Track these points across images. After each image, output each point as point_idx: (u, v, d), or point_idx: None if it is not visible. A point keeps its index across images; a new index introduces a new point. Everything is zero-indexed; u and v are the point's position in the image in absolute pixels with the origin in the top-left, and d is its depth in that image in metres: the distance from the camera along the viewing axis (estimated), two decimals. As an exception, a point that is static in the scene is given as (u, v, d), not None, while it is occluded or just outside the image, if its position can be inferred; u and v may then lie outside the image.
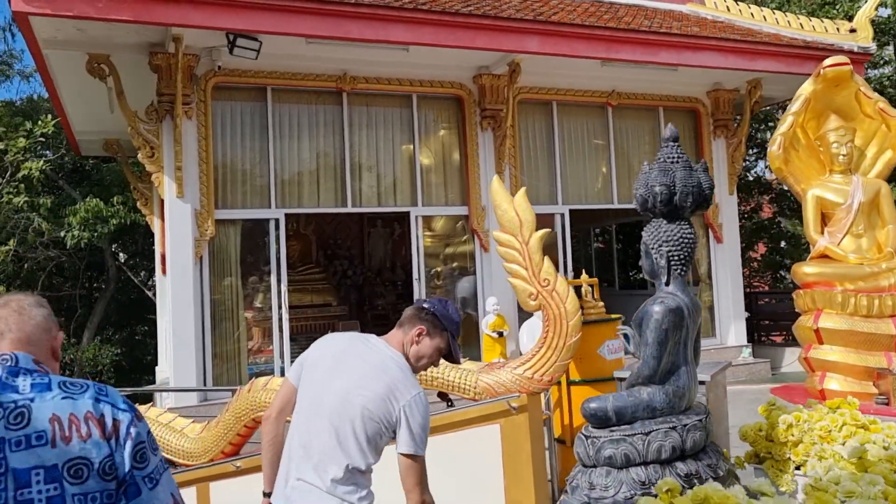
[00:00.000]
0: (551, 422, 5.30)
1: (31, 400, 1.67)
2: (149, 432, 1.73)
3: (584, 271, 6.00)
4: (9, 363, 1.75)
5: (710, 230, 11.66)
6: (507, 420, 4.65)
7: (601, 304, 5.42)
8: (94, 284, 17.14)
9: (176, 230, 8.32)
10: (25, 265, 13.28)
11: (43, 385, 1.69)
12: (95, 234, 12.88)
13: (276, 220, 9.00)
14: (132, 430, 1.67)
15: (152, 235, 15.48)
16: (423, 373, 5.13)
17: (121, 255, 17.17)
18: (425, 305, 2.71)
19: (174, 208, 8.32)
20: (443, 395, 5.03)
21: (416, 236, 9.75)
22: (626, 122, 11.36)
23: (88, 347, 14.07)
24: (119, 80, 8.35)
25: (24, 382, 1.69)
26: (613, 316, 5.38)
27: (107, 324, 16.45)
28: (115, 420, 1.66)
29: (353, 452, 2.46)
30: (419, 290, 9.66)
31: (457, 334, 2.71)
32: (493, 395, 4.74)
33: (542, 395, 4.84)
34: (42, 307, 1.87)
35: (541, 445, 4.72)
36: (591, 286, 5.51)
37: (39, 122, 10.03)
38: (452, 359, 2.73)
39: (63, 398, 1.66)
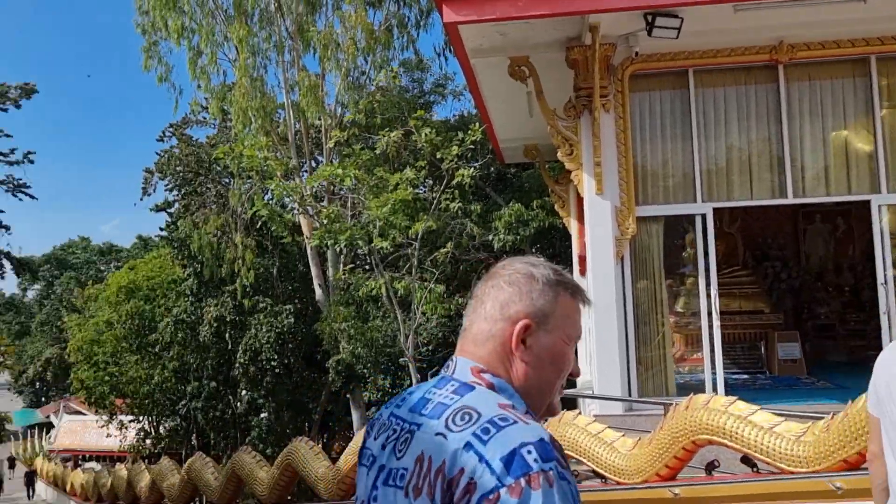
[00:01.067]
0: None
1: (419, 426, 1.24)
2: None
3: None
4: (448, 370, 1.32)
5: None
6: None
7: None
8: (519, 286, 18.11)
9: (596, 229, 8.00)
10: (461, 267, 14.52)
11: (440, 408, 1.24)
12: (518, 237, 13.46)
13: (703, 216, 8.09)
14: None
15: (569, 237, 15.71)
16: None
17: (540, 257, 17.89)
18: None
19: (594, 206, 8.01)
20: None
21: (880, 230, 7.90)
22: None
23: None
24: (538, 79, 8.36)
25: (434, 399, 1.27)
26: None
27: (529, 323, 17.22)
28: (470, 482, 1.11)
29: None
30: (886, 298, 7.78)
31: None
32: None
33: None
34: (512, 285, 1.33)
35: None
36: None
37: (469, 132, 10.76)
38: None
39: (437, 433, 1.19)
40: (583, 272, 12.04)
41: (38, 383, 55.79)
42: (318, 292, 17.07)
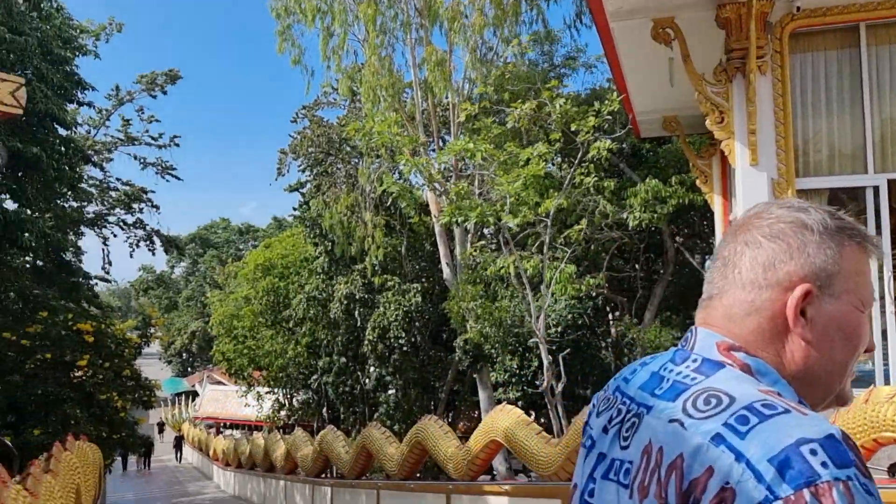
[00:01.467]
0: None
1: (649, 409, 0.95)
2: None
3: None
4: (687, 343, 1.03)
5: None
6: None
7: None
8: (652, 266, 17.36)
9: (749, 202, 7.30)
10: (591, 246, 13.99)
11: (677, 388, 0.94)
12: (654, 214, 12.77)
13: (875, 188, 7.22)
14: None
15: (708, 216, 14.79)
16: None
17: (676, 237, 17.05)
18: None
19: (747, 179, 7.32)
20: None
21: None
22: None
23: (650, 328, 14.17)
24: (684, 42, 7.72)
25: (670, 377, 0.98)
26: None
27: (664, 306, 16.46)
28: (725, 490, 0.80)
29: None
30: None
31: None
32: None
33: None
34: (776, 239, 1.00)
35: None
36: None
37: (606, 102, 10.23)
38: None
39: (672, 419, 0.89)
40: (726, 252, 11.26)
41: (184, 354, 60.05)
42: (446, 271, 17.04)
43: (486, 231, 16.94)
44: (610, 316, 18.03)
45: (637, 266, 16.46)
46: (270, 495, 18.70)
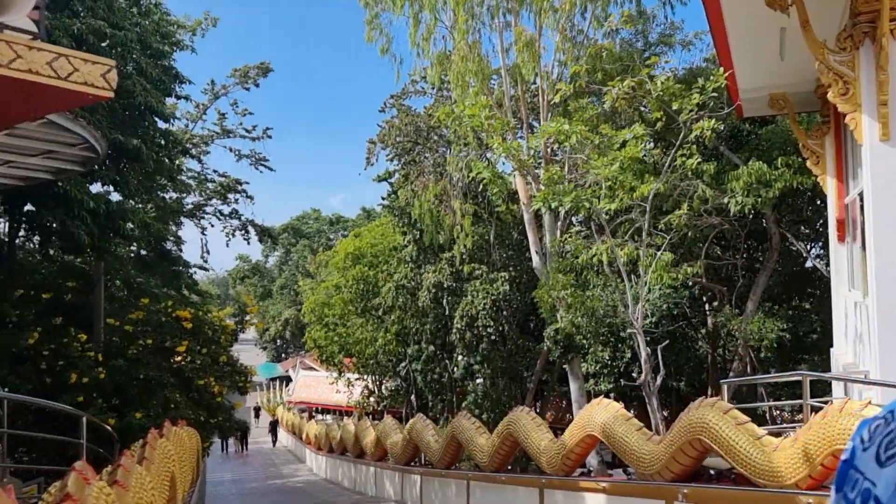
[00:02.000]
0: None
1: None
2: None
3: None
4: None
5: None
6: None
7: None
8: (754, 254, 16.44)
9: (879, 182, 6.65)
10: (688, 233, 13.30)
11: None
12: (759, 199, 11.99)
13: None
14: None
15: (816, 201, 13.86)
16: None
17: (781, 222, 16.07)
18: None
19: (877, 155, 6.66)
20: None
21: None
22: None
23: (753, 320, 13.38)
24: (803, 7, 7.08)
25: None
26: None
27: (768, 296, 15.55)
28: None
29: None
30: None
31: None
32: None
33: None
34: None
35: None
36: None
37: (711, 78, 9.58)
38: None
39: None
40: (841, 238, 10.42)
41: (278, 340, 61.87)
42: (535, 259, 16.67)
43: (574, 219, 16.47)
44: (707, 306, 17.21)
45: (737, 254, 15.61)
46: (361, 480, 18.88)
